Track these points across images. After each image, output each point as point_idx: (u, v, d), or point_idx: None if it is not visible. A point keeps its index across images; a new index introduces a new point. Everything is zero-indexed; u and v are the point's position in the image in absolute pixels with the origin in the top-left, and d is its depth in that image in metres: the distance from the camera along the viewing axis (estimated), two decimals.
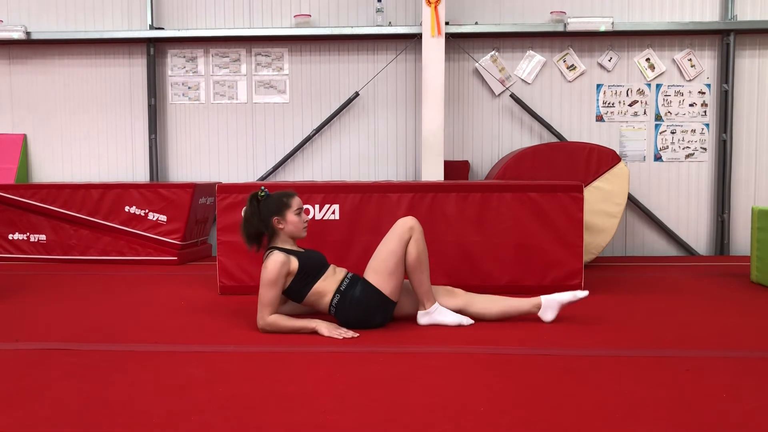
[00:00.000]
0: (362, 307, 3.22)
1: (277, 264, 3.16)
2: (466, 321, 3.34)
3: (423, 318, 3.35)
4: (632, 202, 6.38)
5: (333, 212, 4.29)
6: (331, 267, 3.37)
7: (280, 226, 3.31)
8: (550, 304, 3.40)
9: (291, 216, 3.32)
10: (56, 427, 2.02)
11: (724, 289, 4.48)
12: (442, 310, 3.34)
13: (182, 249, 5.79)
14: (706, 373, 2.55)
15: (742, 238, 6.43)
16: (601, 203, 5.24)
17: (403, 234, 3.24)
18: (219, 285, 4.31)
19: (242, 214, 3.43)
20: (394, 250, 3.23)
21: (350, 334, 3.11)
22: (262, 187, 3.37)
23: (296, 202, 3.36)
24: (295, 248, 3.36)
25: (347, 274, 3.34)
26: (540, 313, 3.42)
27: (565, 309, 3.51)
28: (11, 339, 3.12)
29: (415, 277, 3.28)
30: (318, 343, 3.01)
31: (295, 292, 3.28)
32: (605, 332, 3.24)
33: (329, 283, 3.27)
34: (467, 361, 2.74)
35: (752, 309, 3.80)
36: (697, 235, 6.50)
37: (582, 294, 3.40)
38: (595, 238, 5.18)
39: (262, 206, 3.32)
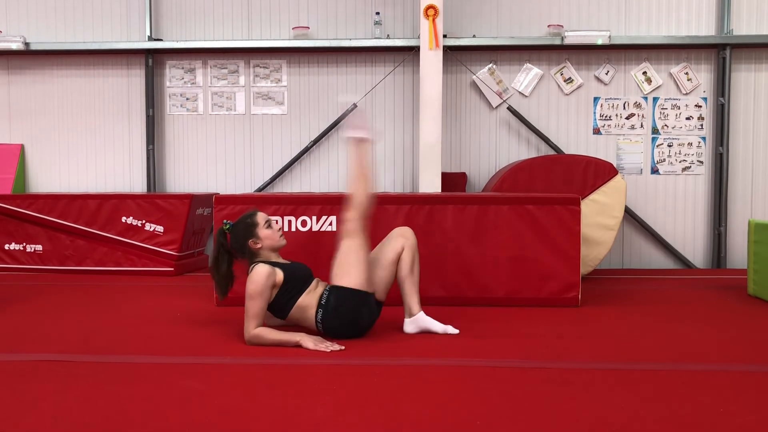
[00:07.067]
0: (344, 312, 3.20)
1: (262, 275, 3.15)
2: (452, 330, 3.35)
3: (409, 326, 3.38)
4: (629, 215, 6.39)
5: (330, 224, 4.29)
6: (315, 280, 3.35)
7: (258, 245, 3.31)
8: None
9: (263, 232, 3.32)
10: None
11: (721, 302, 4.48)
12: (428, 319, 3.37)
13: (179, 260, 5.77)
14: (702, 387, 2.54)
15: (738, 252, 6.43)
16: (598, 216, 5.24)
17: (396, 246, 3.33)
18: (215, 296, 4.30)
19: (211, 255, 3.40)
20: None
21: (336, 347, 3.06)
22: (225, 221, 3.39)
23: (261, 217, 3.37)
24: (279, 261, 3.36)
25: (327, 286, 3.32)
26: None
27: (557, 321, 3.51)
28: (6, 350, 3.10)
29: (406, 285, 3.32)
30: (314, 355, 2.99)
31: (280, 307, 3.26)
32: (602, 345, 3.23)
33: (312, 297, 3.25)
34: (463, 373, 2.73)
35: (749, 322, 3.79)
36: (694, 248, 6.50)
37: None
38: (592, 250, 5.18)
39: (232, 237, 3.33)
